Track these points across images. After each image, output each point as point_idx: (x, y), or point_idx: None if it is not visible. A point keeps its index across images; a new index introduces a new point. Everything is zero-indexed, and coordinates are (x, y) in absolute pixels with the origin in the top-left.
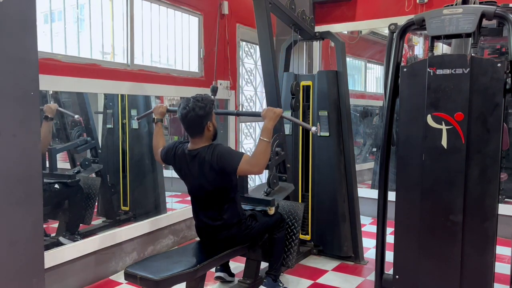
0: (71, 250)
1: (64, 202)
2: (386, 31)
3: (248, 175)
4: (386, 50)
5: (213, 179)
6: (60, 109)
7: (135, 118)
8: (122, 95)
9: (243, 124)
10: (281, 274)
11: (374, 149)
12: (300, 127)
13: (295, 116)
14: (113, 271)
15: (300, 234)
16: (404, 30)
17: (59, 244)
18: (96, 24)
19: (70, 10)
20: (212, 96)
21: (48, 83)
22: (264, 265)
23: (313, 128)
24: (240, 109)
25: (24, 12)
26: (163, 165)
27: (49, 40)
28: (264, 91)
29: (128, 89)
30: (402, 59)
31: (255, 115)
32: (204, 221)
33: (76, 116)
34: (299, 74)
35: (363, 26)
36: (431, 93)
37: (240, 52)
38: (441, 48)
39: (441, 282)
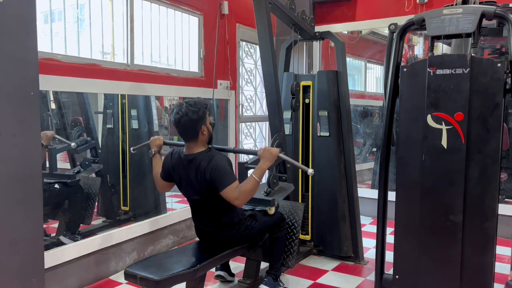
0: (71, 250)
1: (64, 202)
2: (386, 31)
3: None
4: (386, 50)
5: (206, 187)
6: (57, 136)
7: (131, 149)
8: (122, 95)
9: (243, 124)
10: (281, 274)
11: (374, 149)
12: (300, 125)
13: (295, 116)
14: (113, 271)
15: (300, 234)
16: (404, 30)
17: (59, 244)
18: (96, 24)
19: (70, 10)
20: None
21: (48, 83)
22: (264, 265)
23: (310, 171)
24: (240, 110)
25: (24, 12)
26: (165, 187)
27: (49, 40)
28: (264, 91)
29: (128, 89)
30: (402, 59)
31: (251, 153)
32: (203, 223)
33: (72, 144)
34: (299, 74)
35: (363, 26)
36: (431, 93)
37: (240, 52)
38: (441, 48)
39: (441, 282)
